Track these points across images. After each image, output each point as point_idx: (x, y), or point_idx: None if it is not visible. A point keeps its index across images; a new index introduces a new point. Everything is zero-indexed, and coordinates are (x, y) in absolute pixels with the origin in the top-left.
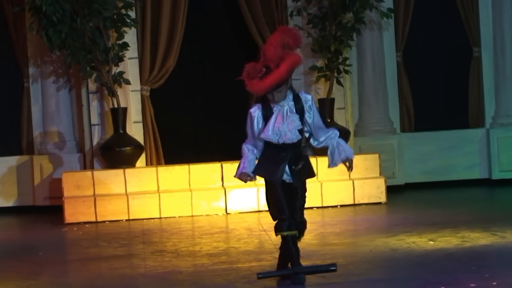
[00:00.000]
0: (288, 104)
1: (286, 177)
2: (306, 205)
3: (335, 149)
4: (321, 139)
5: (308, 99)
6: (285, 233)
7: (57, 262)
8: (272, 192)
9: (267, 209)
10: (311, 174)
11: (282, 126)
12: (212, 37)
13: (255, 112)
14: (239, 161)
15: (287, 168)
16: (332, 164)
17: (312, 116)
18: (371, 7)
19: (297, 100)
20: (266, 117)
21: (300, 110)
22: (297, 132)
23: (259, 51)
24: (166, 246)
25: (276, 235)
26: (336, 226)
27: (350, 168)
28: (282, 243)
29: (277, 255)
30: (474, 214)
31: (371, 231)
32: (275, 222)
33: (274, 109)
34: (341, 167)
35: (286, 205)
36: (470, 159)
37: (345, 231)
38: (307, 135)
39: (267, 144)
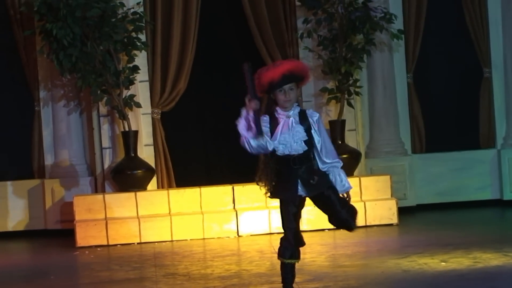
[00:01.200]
0: (294, 116)
1: (302, 192)
2: (317, 227)
3: (336, 179)
4: (326, 161)
5: (314, 115)
6: (286, 261)
7: (69, 286)
8: (283, 213)
9: (278, 231)
10: (329, 182)
11: (287, 136)
12: (222, 59)
13: (263, 117)
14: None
15: (301, 182)
16: None
17: (319, 133)
18: (381, 29)
19: (302, 115)
20: (273, 128)
21: (305, 125)
22: (303, 143)
23: None
24: (178, 269)
25: (278, 258)
26: (348, 248)
27: (349, 199)
28: (281, 266)
29: None
30: (485, 235)
31: (382, 253)
32: (280, 244)
33: (280, 119)
34: (353, 188)
35: (295, 231)
36: (482, 180)
37: (357, 253)
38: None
39: (279, 163)
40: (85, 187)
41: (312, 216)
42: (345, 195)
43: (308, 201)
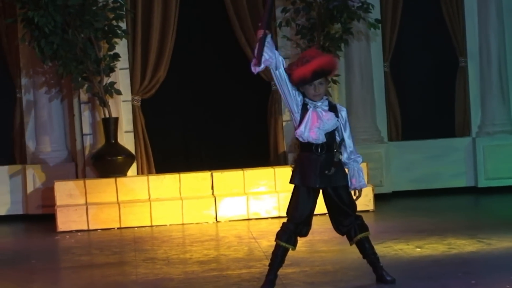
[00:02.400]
0: (322, 107)
1: (317, 182)
2: None
3: (355, 174)
4: (349, 154)
5: (343, 109)
6: (282, 244)
7: (50, 269)
8: (292, 199)
9: (256, 217)
10: (345, 180)
11: (317, 124)
12: (202, 48)
13: (300, 96)
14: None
15: (317, 171)
16: (351, 187)
17: (345, 127)
18: (358, 18)
19: (332, 107)
20: (302, 116)
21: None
22: (323, 135)
23: (249, 60)
24: (157, 253)
25: (275, 240)
26: (325, 233)
27: (359, 196)
28: (274, 248)
29: (266, 262)
30: (460, 222)
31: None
32: (281, 227)
33: (309, 108)
34: None
35: (297, 221)
36: (457, 167)
37: (333, 239)
38: (338, 139)
39: (302, 148)
40: (66, 172)
41: None
42: (357, 192)
43: None
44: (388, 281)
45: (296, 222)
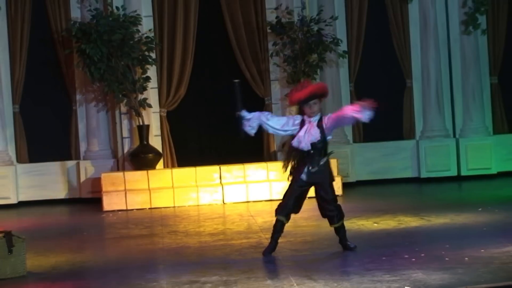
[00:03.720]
0: (314, 121)
1: (304, 177)
2: (282, 197)
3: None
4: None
5: (325, 115)
6: (278, 217)
7: (97, 240)
8: (288, 189)
9: (254, 200)
10: (330, 178)
11: (303, 136)
12: (212, 71)
13: (298, 117)
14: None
15: (306, 169)
16: None
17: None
18: (330, 50)
19: (320, 120)
20: (300, 128)
21: (320, 127)
22: (309, 144)
23: (248, 82)
24: (179, 227)
25: (275, 215)
26: (305, 213)
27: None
28: (275, 222)
29: (261, 234)
30: (407, 204)
31: None
32: (277, 207)
33: (306, 123)
34: None
35: (292, 205)
36: (404, 162)
37: (312, 217)
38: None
39: (297, 153)
40: (109, 166)
41: (280, 189)
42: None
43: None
44: (351, 248)
45: (288, 208)
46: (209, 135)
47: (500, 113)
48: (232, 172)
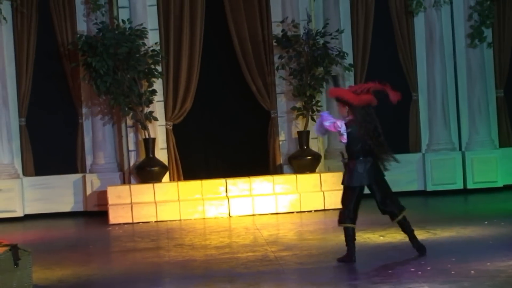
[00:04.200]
0: None
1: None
2: (288, 210)
3: None
4: None
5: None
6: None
7: (103, 253)
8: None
9: (260, 213)
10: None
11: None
12: (218, 85)
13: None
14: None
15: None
16: None
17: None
18: (336, 63)
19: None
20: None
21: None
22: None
23: (254, 95)
24: (184, 240)
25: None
26: (311, 226)
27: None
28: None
29: (267, 247)
30: (413, 217)
31: (336, 230)
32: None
33: None
34: (313, 181)
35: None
36: (411, 175)
37: (318, 230)
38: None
39: None
40: (116, 179)
41: (286, 202)
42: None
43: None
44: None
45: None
46: (215, 148)
47: (506, 126)
48: (238, 185)
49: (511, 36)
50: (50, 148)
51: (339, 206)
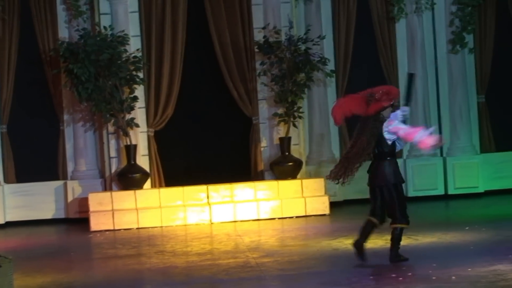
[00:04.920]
0: None
1: None
2: (270, 216)
3: None
4: None
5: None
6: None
7: (84, 260)
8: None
9: (241, 219)
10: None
11: None
12: (200, 91)
13: None
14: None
15: None
16: None
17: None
18: (318, 69)
19: None
20: None
21: None
22: None
23: (236, 102)
24: (166, 247)
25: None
26: (292, 232)
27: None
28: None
29: (248, 253)
30: None
31: (318, 236)
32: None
33: None
34: (294, 187)
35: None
36: None
37: (299, 236)
38: None
39: None
40: (97, 186)
41: (267, 208)
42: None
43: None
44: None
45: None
46: (197, 155)
47: (487, 132)
48: (220, 191)
49: (492, 42)
50: (31, 155)
51: (320, 212)
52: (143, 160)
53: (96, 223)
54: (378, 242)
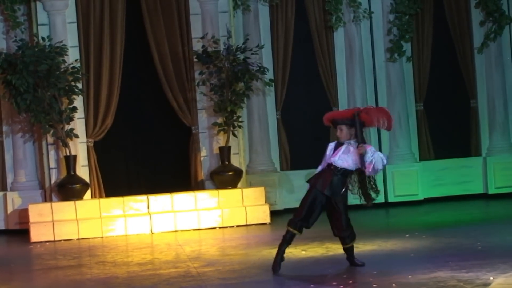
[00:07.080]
0: (348, 145)
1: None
2: (210, 226)
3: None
4: None
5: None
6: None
7: (25, 271)
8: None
9: (181, 229)
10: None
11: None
12: (139, 101)
13: (331, 145)
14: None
15: None
16: None
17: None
18: (257, 78)
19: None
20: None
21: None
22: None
23: (175, 112)
24: (107, 258)
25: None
26: (233, 241)
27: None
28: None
29: (189, 263)
30: None
31: (259, 244)
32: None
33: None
34: (235, 196)
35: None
36: None
37: (240, 245)
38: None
39: None
40: (37, 197)
41: (208, 218)
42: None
43: None
44: (359, 265)
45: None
46: (137, 165)
47: (426, 140)
48: (160, 201)
49: (430, 50)
50: None
51: (261, 221)
52: (83, 171)
53: (36, 234)
54: (318, 250)
